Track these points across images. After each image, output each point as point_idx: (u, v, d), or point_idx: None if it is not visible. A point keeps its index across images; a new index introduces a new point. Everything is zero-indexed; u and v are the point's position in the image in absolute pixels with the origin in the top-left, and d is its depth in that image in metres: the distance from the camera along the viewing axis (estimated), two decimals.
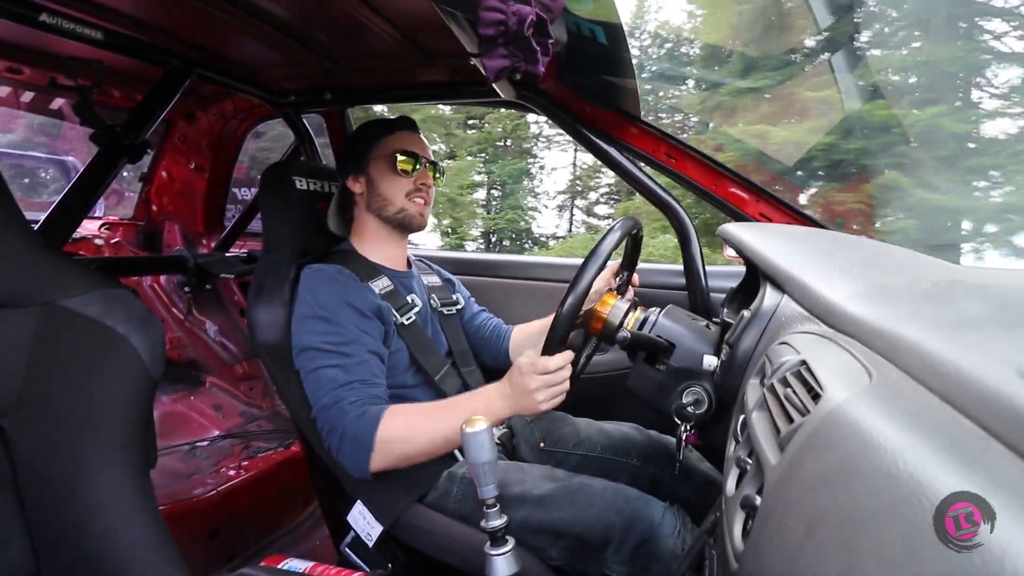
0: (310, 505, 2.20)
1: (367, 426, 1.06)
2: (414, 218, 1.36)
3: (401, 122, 1.38)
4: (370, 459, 1.06)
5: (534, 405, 1.06)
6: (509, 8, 0.87)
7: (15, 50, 1.66)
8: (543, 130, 20.23)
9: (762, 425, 0.57)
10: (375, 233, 1.37)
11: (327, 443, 1.11)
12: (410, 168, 1.33)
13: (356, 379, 1.12)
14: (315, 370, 1.13)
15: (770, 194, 1.48)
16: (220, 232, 2.58)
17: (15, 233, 0.78)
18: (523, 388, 1.06)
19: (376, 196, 1.34)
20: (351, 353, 1.14)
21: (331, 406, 1.09)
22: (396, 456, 1.08)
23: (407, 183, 1.34)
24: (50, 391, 0.76)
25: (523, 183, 20.36)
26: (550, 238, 19.97)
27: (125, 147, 1.55)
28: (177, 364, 2.62)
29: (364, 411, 1.08)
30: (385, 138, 1.35)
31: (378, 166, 1.33)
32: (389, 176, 1.33)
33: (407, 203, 1.34)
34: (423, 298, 1.39)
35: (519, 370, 1.07)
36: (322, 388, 1.11)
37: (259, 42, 1.54)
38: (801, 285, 0.73)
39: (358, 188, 1.35)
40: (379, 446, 1.06)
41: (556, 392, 1.06)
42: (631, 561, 1.03)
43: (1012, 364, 0.34)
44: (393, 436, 1.06)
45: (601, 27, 1.24)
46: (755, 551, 0.47)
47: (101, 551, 0.73)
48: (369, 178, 1.34)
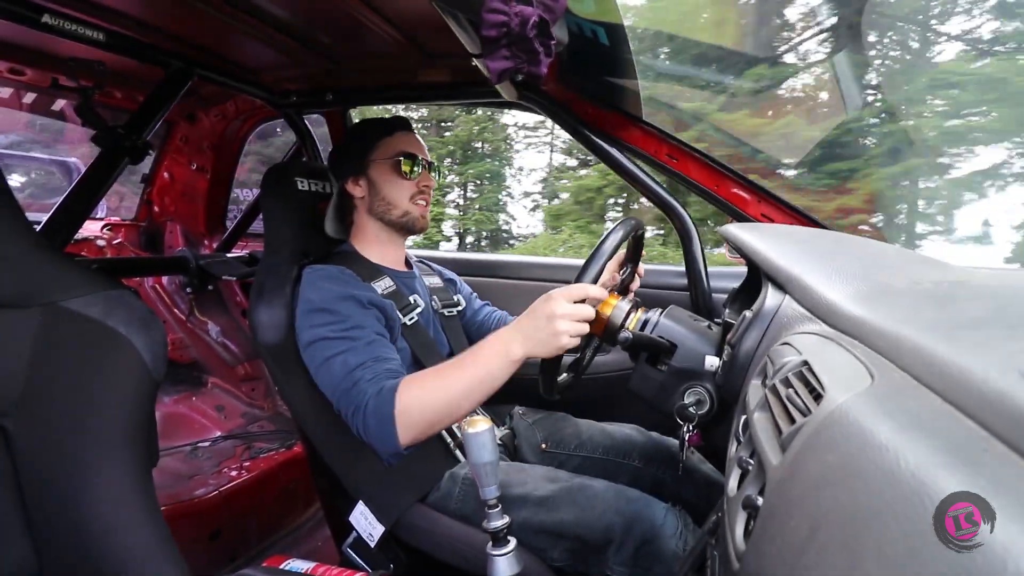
0: (312, 506, 2.20)
1: (386, 400, 1.04)
2: (417, 220, 1.36)
3: (398, 123, 1.37)
4: (396, 432, 1.04)
5: (554, 336, 0.99)
6: (512, 9, 0.87)
7: (17, 51, 1.66)
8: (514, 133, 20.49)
9: (764, 426, 0.57)
10: (376, 236, 1.37)
11: (354, 427, 1.09)
12: (411, 170, 1.32)
13: (368, 358, 1.11)
14: (326, 360, 1.12)
15: (772, 194, 1.48)
16: (222, 233, 2.58)
17: (17, 234, 0.79)
18: (548, 313, 0.99)
19: (379, 200, 1.33)
20: (358, 336, 1.13)
21: (350, 389, 1.08)
22: (421, 424, 1.05)
23: (410, 186, 1.33)
24: (52, 392, 0.76)
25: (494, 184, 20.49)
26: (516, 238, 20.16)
27: (127, 148, 1.55)
28: (179, 365, 2.62)
29: (381, 387, 1.06)
30: (384, 140, 1.33)
31: (379, 169, 1.32)
32: (392, 179, 1.32)
33: (411, 206, 1.34)
34: (425, 299, 1.39)
35: (548, 297, 1.01)
36: (336, 374, 1.10)
37: (260, 43, 1.55)
38: (803, 285, 0.73)
39: (359, 192, 1.34)
40: (400, 418, 1.03)
41: (578, 329, 1.00)
42: (632, 562, 1.03)
43: (1014, 364, 0.34)
44: (411, 405, 1.04)
45: (603, 28, 1.24)
46: (757, 551, 0.47)
47: (102, 551, 0.74)
48: (370, 181, 1.33)
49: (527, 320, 1.03)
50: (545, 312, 1.00)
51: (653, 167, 1.57)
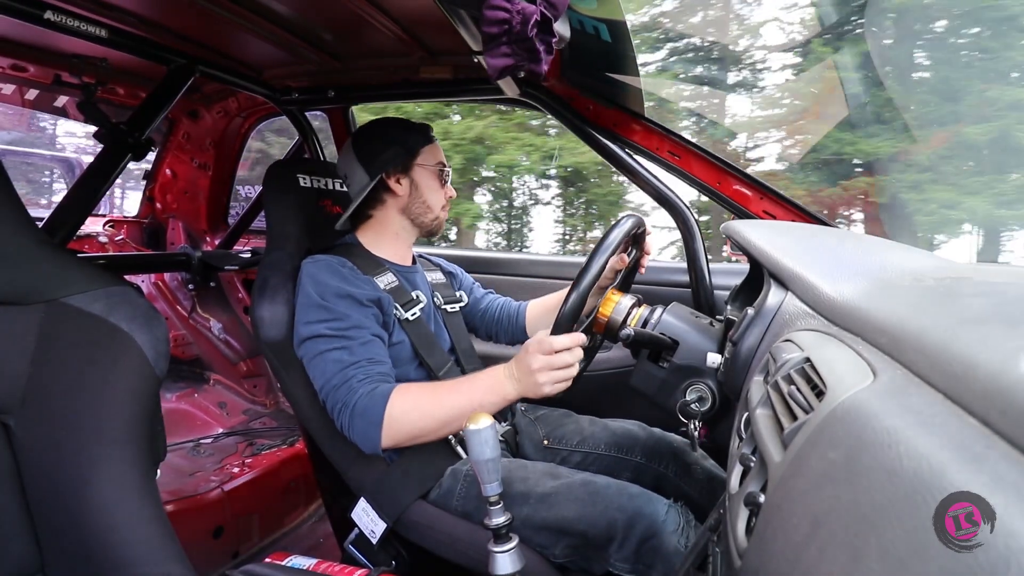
0: (314, 502, 2.21)
1: (377, 402, 1.07)
2: (442, 225, 1.42)
3: (431, 133, 1.42)
4: (380, 435, 1.07)
5: (536, 387, 1.06)
6: (514, 7, 0.87)
7: (20, 47, 1.66)
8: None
9: (766, 422, 0.57)
10: (397, 233, 1.38)
11: (338, 421, 1.12)
12: (446, 181, 1.40)
13: (363, 358, 1.13)
14: (320, 354, 1.14)
15: (774, 191, 1.47)
16: (224, 230, 2.59)
17: (19, 230, 0.79)
18: (527, 367, 1.06)
19: (419, 201, 1.36)
20: (354, 336, 1.15)
21: (340, 385, 1.10)
22: (405, 433, 1.09)
23: (443, 194, 1.40)
24: (54, 388, 0.76)
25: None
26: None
27: (129, 145, 1.55)
28: (181, 361, 2.63)
29: (375, 388, 1.09)
30: (429, 146, 1.38)
31: (424, 173, 1.36)
32: (434, 185, 1.37)
33: (442, 213, 1.40)
34: (427, 295, 1.39)
35: (526, 349, 1.08)
36: (329, 369, 1.12)
37: (263, 40, 1.55)
38: (805, 282, 0.73)
39: (401, 189, 1.35)
40: (388, 423, 1.07)
41: (559, 377, 1.06)
42: (634, 558, 1.03)
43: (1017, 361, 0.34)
44: (401, 413, 1.08)
45: (605, 25, 1.24)
46: (759, 548, 0.47)
47: (105, 548, 0.74)
48: (414, 182, 1.35)
49: (517, 368, 1.10)
50: (524, 367, 1.08)
51: (655, 164, 1.57)
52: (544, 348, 1.05)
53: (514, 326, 1.57)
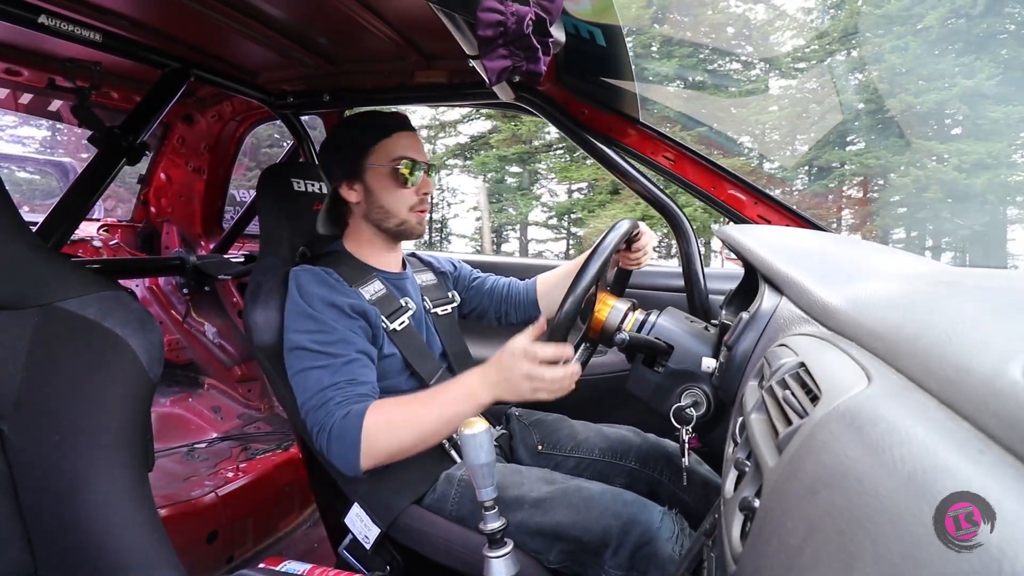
0: (308, 507, 2.20)
1: (352, 424, 1.04)
2: (415, 228, 1.30)
3: (396, 122, 1.27)
4: (359, 457, 1.04)
5: (524, 392, 1.02)
6: (507, 8, 0.87)
7: (14, 52, 1.66)
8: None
9: (760, 427, 0.57)
10: (371, 240, 1.31)
11: (316, 444, 1.09)
12: (411, 176, 1.23)
13: (342, 379, 1.09)
14: (302, 371, 1.11)
15: (769, 196, 1.48)
16: (219, 234, 2.58)
17: (13, 235, 0.78)
18: (513, 370, 1.02)
19: (376, 207, 1.26)
20: (338, 353, 1.11)
21: (319, 407, 1.07)
22: (384, 452, 1.05)
23: (409, 195, 1.26)
24: (48, 393, 0.76)
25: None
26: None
27: (124, 149, 1.55)
28: (175, 366, 2.62)
29: (349, 410, 1.05)
30: (382, 142, 1.24)
31: (377, 175, 1.24)
32: (390, 188, 1.24)
33: (409, 215, 1.27)
34: (417, 300, 1.35)
35: (510, 351, 1.03)
36: (309, 389, 1.10)
37: (257, 44, 1.55)
38: (799, 287, 0.73)
39: (354, 197, 1.26)
40: (365, 443, 1.03)
41: (548, 388, 1.03)
42: (629, 565, 1.02)
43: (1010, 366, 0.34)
44: (377, 432, 1.04)
45: (600, 29, 1.24)
46: (754, 553, 0.47)
47: (99, 553, 0.73)
48: (367, 187, 1.25)
49: (496, 372, 1.04)
50: (508, 369, 1.03)
51: (650, 168, 1.57)
52: (530, 355, 1.01)
53: (526, 301, 1.52)
